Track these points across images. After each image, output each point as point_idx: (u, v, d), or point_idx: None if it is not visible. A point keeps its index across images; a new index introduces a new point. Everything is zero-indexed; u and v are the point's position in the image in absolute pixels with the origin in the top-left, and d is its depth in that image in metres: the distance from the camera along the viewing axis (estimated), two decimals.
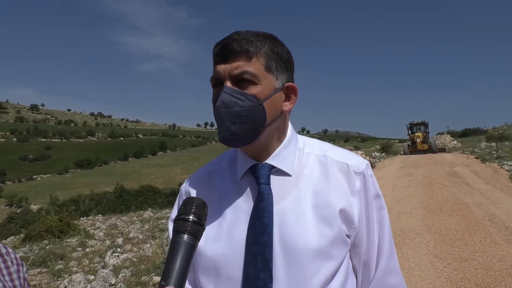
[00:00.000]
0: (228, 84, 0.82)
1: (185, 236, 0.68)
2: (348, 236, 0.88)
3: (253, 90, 0.82)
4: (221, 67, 0.83)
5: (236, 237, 0.86)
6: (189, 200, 0.73)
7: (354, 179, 0.90)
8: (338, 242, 0.85)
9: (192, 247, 0.68)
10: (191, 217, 0.69)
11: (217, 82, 0.85)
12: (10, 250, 0.99)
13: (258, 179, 0.88)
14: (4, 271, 0.93)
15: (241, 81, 0.82)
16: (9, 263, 0.95)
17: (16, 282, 0.94)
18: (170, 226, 0.93)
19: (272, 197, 0.86)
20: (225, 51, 0.83)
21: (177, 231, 0.69)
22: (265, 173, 0.89)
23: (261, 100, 0.83)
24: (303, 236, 0.83)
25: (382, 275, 0.92)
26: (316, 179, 0.90)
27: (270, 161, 0.90)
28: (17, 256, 1.00)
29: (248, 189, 0.90)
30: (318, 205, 0.86)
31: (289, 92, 0.90)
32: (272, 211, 0.85)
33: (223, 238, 0.87)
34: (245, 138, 0.84)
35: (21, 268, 0.98)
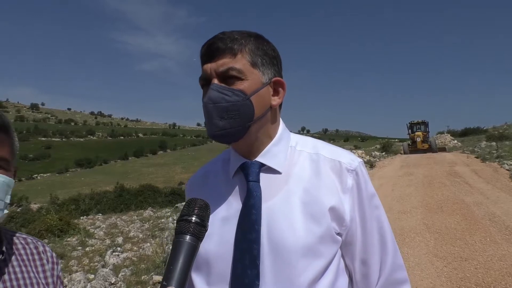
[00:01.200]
0: (215, 81, 0.84)
1: (187, 237, 0.68)
2: (339, 234, 0.87)
3: (240, 85, 0.83)
4: (208, 66, 0.85)
5: (226, 234, 0.86)
6: (191, 201, 0.73)
7: (346, 177, 0.89)
8: (326, 240, 0.84)
9: (194, 248, 0.68)
10: (193, 218, 0.70)
11: (206, 82, 0.87)
12: (47, 248, 1.03)
13: (248, 176, 0.89)
14: (39, 269, 0.97)
15: (227, 77, 0.84)
16: (45, 261, 0.99)
17: (50, 280, 0.97)
18: None
19: (260, 194, 0.86)
20: (210, 50, 0.85)
21: (179, 232, 0.70)
22: (255, 170, 0.89)
23: (248, 95, 0.84)
24: (290, 233, 0.82)
25: (390, 272, 0.92)
26: (307, 177, 0.89)
27: (260, 158, 0.90)
28: (54, 254, 1.04)
29: (239, 187, 0.91)
30: (307, 202, 0.86)
31: (277, 87, 0.90)
32: (260, 208, 0.85)
33: (215, 236, 0.87)
34: (234, 133, 0.84)
35: (55, 266, 1.02)
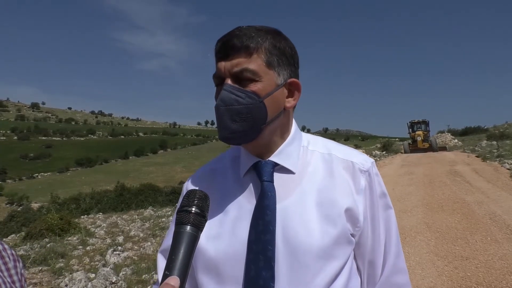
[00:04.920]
0: (229, 81, 0.81)
1: (188, 227, 0.69)
2: (353, 235, 0.86)
3: (253, 87, 0.81)
4: (222, 64, 0.82)
5: (238, 235, 0.84)
6: (191, 193, 0.73)
7: (359, 177, 0.88)
8: (342, 241, 0.83)
9: (194, 238, 0.69)
10: (193, 208, 0.70)
11: (219, 80, 0.84)
12: (6, 246, 1.00)
13: (261, 176, 0.86)
14: (3, 267, 0.95)
15: (241, 78, 0.81)
16: (7, 259, 0.97)
17: (15, 278, 0.96)
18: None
19: (275, 194, 0.84)
20: (225, 48, 0.82)
21: (180, 223, 0.70)
22: (268, 170, 0.87)
23: (262, 97, 0.81)
24: (306, 235, 0.81)
25: (389, 274, 0.91)
26: (320, 177, 0.88)
27: (273, 158, 0.88)
28: (14, 252, 1.01)
29: (251, 186, 0.88)
30: (322, 203, 0.84)
31: (292, 88, 0.88)
32: (275, 209, 0.83)
33: (225, 236, 0.85)
34: (245, 136, 0.82)
35: (17, 263, 1.00)
